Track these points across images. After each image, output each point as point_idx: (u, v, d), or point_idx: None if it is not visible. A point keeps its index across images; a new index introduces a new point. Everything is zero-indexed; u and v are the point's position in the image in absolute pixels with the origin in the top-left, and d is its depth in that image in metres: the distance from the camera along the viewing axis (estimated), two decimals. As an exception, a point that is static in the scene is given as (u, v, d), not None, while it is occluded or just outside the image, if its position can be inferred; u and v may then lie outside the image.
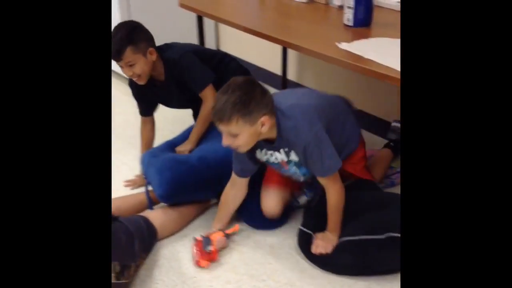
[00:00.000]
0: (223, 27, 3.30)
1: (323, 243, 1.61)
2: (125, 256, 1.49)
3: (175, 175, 1.76)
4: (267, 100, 1.42)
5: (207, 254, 1.63)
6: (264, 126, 1.42)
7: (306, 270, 1.63)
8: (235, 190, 1.72)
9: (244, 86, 1.40)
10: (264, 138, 1.50)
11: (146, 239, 1.66)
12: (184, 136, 2.05)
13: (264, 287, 1.56)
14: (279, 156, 1.57)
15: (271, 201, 1.77)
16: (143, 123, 2.13)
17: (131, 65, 1.78)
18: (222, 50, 3.39)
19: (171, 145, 2.03)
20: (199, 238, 1.66)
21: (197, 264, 1.64)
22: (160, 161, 1.83)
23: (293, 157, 1.56)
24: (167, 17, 3.04)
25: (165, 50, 1.90)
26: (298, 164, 1.59)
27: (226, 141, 1.44)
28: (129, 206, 1.85)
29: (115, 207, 1.75)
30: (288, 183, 1.79)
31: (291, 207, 1.89)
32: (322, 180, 1.56)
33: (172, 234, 1.79)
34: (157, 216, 1.76)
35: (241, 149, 1.48)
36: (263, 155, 1.61)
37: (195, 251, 1.65)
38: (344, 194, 1.58)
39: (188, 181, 1.77)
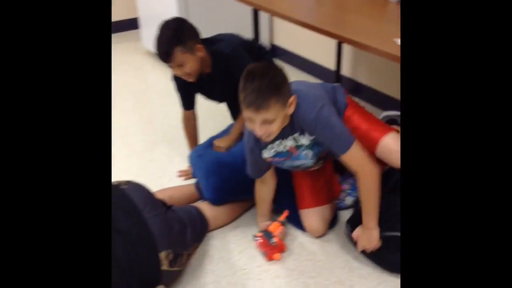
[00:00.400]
0: (277, 21, 3.29)
1: (365, 241, 1.56)
2: (178, 244, 1.52)
3: (221, 180, 1.79)
4: (288, 79, 1.41)
5: (275, 247, 1.64)
6: (291, 106, 1.41)
7: (356, 269, 1.61)
8: (265, 183, 1.72)
9: (268, 70, 1.37)
10: None
11: (198, 229, 1.70)
12: (226, 132, 2.07)
13: (314, 284, 1.56)
14: (288, 143, 1.53)
15: (313, 222, 1.74)
16: (187, 119, 2.12)
17: (180, 65, 1.78)
18: (276, 44, 3.39)
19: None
20: (259, 234, 1.67)
21: (271, 258, 1.65)
22: (206, 164, 1.85)
23: (303, 141, 1.51)
24: (223, 10, 3.07)
25: (214, 43, 1.90)
26: (311, 146, 1.54)
27: (261, 130, 1.39)
28: (181, 196, 1.90)
29: (168, 196, 1.80)
30: (323, 195, 1.76)
31: (339, 208, 1.87)
32: (350, 160, 1.46)
33: (223, 225, 1.82)
34: (209, 207, 1.79)
35: (271, 136, 1.44)
36: (269, 151, 1.57)
37: (262, 247, 1.66)
38: (379, 178, 1.47)
39: (234, 184, 1.80)
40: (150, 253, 1.41)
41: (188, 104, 2.08)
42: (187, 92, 2.05)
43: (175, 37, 1.73)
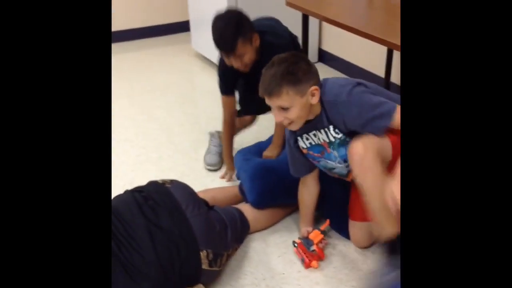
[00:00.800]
0: (326, 26, 3.27)
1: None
2: (218, 244, 1.54)
3: (266, 183, 1.79)
4: (314, 70, 1.43)
5: (313, 255, 1.63)
6: (314, 96, 1.41)
7: (398, 281, 1.57)
8: (307, 187, 1.70)
9: (289, 59, 1.41)
10: (308, 119, 1.48)
11: (239, 230, 1.71)
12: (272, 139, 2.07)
13: (353, 293, 1.54)
14: (321, 136, 1.52)
15: (359, 235, 1.70)
16: (229, 116, 2.04)
17: (240, 56, 1.77)
18: (324, 49, 3.37)
19: (263, 148, 2.06)
20: (298, 241, 1.67)
21: (308, 266, 1.63)
22: (251, 168, 1.86)
23: (332, 137, 1.48)
24: (273, 15, 3.07)
25: (268, 34, 1.88)
26: (337, 145, 1.50)
27: (278, 117, 1.43)
28: (224, 197, 1.92)
29: (211, 196, 1.82)
30: None
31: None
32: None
33: (263, 228, 1.83)
34: (251, 209, 1.80)
35: (294, 125, 1.46)
36: (305, 141, 1.57)
37: (301, 255, 1.66)
38: None
39: (277, 189, 1.80)
40: (191, 252, 1.43)
41: (228, 88, 2.02)
42: (230, 76, 1.97)
43: (237, 28, 1.74)
